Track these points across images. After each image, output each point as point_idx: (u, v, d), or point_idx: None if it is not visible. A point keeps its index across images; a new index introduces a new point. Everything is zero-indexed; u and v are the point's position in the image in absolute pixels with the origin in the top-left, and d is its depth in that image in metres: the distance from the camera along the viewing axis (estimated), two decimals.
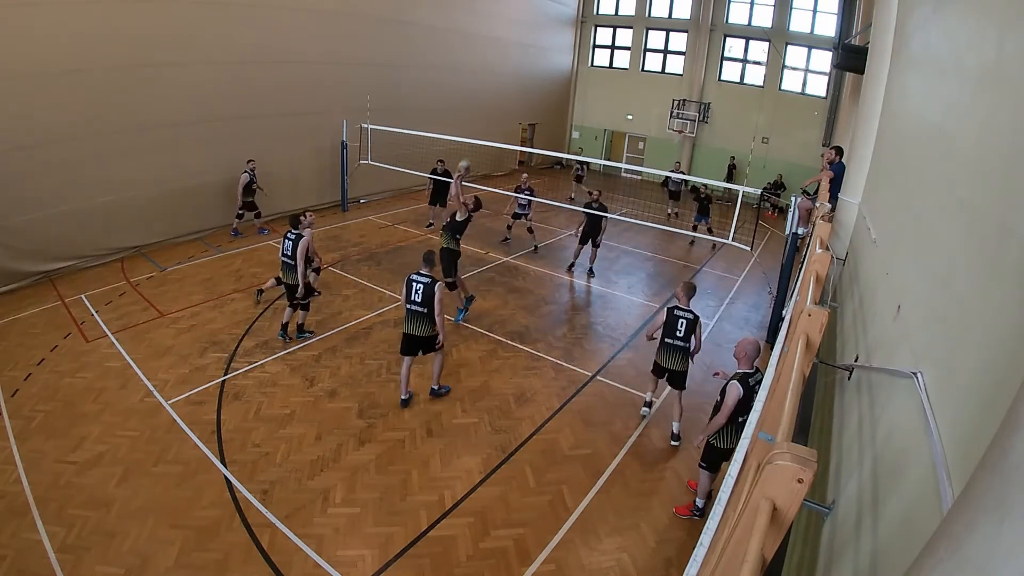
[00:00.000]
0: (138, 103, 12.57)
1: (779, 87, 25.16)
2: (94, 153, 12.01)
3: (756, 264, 15.49)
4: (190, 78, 13.46)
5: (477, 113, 23.41)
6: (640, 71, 28.73)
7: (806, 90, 24.68)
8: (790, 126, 24.60)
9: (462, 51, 22.35)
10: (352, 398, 8.28)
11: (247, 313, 10.62)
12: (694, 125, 26.79)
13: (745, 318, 12.32)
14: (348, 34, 17.47)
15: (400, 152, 17.79)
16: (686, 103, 26.93)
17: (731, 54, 26.45)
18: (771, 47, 24.82)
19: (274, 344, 9.56)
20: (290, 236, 9.40)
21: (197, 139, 13.89)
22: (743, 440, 3.46)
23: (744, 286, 14.32)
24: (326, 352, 9.47)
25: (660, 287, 13.83)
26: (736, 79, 26.39)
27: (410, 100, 19.90)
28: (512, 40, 25.24)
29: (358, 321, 10.64)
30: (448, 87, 21.73)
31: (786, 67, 24.93)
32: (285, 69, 15.75)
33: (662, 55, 28.16)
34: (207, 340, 9.54)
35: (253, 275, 12.37)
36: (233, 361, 8.97)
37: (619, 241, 17.18)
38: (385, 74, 18.94)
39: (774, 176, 24.08)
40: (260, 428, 7.49)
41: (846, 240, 9.23)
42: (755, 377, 5.92)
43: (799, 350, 3.82)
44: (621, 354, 10.23)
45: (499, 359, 9.70)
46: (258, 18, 14.78)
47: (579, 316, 11.77)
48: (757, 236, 12.01)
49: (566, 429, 7.96)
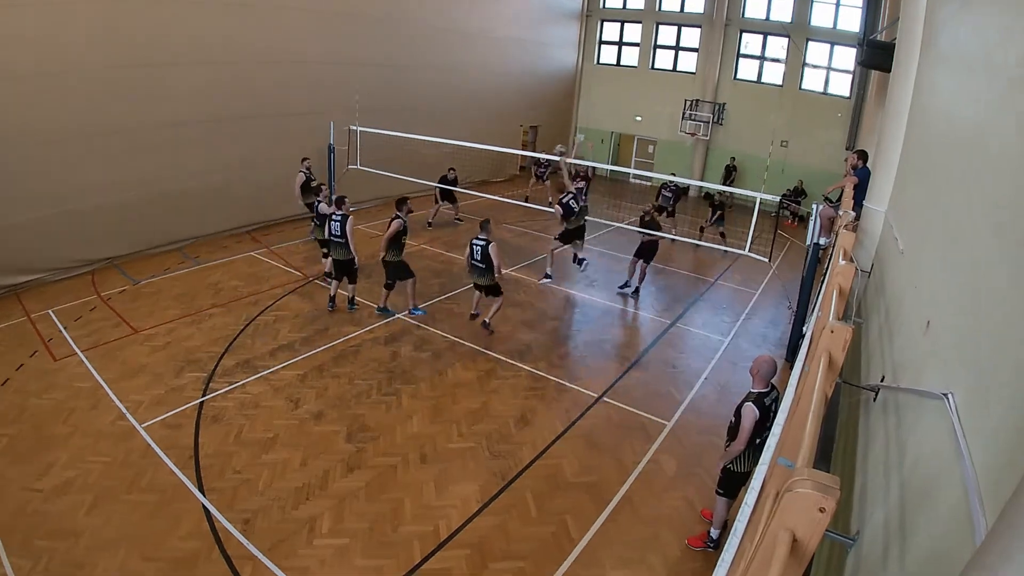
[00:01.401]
0: (108, 105, 12.69)
1: (799, 86, 25.30)
2: (62, 158, 12.10)
3: (774, 277, 15.54)
4: (165, 79, 13.60)
5: (475, 114, 23.59)
6: (650, 69, 28.90)
7: (828, 89, 24.82)
8: (811, 128, 24.72)
9: (460, 49, 22.57)
10: (340, 421, 8.28)
11: (227, 329, 10.65)
12: (708, 127, 26.92)
13: (763, 335, 12.34)
14: (342, 33, 17.68)
15: (393, 156, 17.88)
16: (699, 103, 27.08)
17: (748, 51, 26.62)
18: (791, 43, 24.98)
19: (256, 363, 9.58)
20: (336, 217, 11.29)
21: (173, 143, 14.03)
22: (760, 466, 3.46)
23: (762, 300, 14.35)
24: (312, 371, 9.49)
25: (671, 301, 13.85)
26: (753, 78, 26.55)
27: (404, 101, 20.08)
28: (512, 36, 25.47)
29: (346, 338, 10.66)
30: (445, 87, 21.94)
31: (807, 65, 25.09)
32: (274, 69, 15.97)
33: (674, 52, 28.34)
34: (184, 358, 9.56)
35: (233, 288, 12.41)
36: (212, 381, 8.99)
37: (627, 252, 17.18)
38: (378, 74, 19.13)
39: (794, 182, 24.20)
40: (241, 453, 7.49)
41: (871, 250, 9.25)
42: (771, 396, 5.96)
43: (821, 369, 3.83)
44: (630, 373, 10.24)
45: (498, 379, 9.71)
46: (244, 16, 14.97)
47: (584, 333, 11.79)
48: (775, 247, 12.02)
49: (570, 454, 7.95)
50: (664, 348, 11.43)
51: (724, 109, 26.93)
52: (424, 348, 10.57)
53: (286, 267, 13.94)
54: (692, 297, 14.31)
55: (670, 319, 12.76)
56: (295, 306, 11.90)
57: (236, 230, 15.98)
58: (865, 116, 20.94)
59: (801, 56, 24.89)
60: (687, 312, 13.31)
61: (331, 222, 11.43)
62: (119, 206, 13.23)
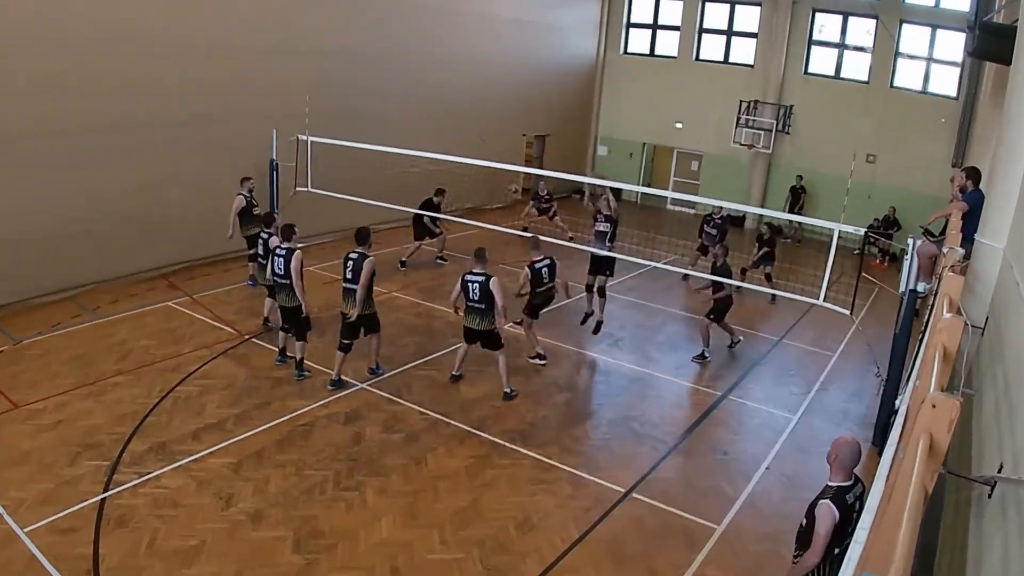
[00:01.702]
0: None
1: (890, 83, 25.86)
2: None
3: (858, 334, 15.69)
4: (39, 74, 13.69)
5: (464, 121, 24.06)
6: (694, 61, 29.51)
7: (929, 87, 25.35)
8: (906, 138, 25.15)
9: (444, 35, 23.18)
10: (285, 524, 8.43)
11: (136, 404, 10.82)
12: (770, 136, 27.35)
13: (843, 411, 12.51)
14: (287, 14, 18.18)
15: (355, 175, 17.94)
16: (759, 105, 27.61)
17: (823, 36, 27.20)
18: (879, 26, 25.45)
19: (175, 447, 9.75)
20: (280, 251, 11.71)
21: (57, 160, 14.18)
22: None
23: (841, 365, 14.55)
24: (249, 459, 9.66)
25: (721, 366, 14.08)
26: (830, 72, 27.14)
27: (370, 104, 20.57)
28: (512, 17, 26.13)
29: (294, 415, 10.86)
30: (424, 85, 22.45)
31: (901, 54, 25.64)
32: (193, 61, 16.30)
33: (725, 38, 28.97)
34: (80, 442, 9.72)
35: (144, 350, 12.64)
36: (117, 472, 9.15)
37: (663, 301, 17.50)
38: (335, 68, 19.63)
39: (883, 209, 24.57)
40: (155, 566, 7.63)
41: (985, 300, 9.36)
42: (854, 491, 6.04)
43: (919, 456, 3.90)
44: (668, 461, 10.41)
45: (494, 468, 9.88)
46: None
47: (607, 408, 11.95)
48: (859, 294, 12.17)
49: (589, 567, 8.09)
50: (712, 428, 11.63)
51: (792, 113, 27.39)
52: (396, 428, 10.75)
53: (214, 321, 14.21)
54: (749, 361, 14.55)
55: (720, 390, 12.96)
56: (226, 372, 12.10)
57: (147, 273, 16.25)
58: (977, 123, 21.33)
59: (893, 43, 25.41)
60: (742, 381, 13.52)
61: (275, 257, 11.84)
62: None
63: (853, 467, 6.11)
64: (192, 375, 11.88)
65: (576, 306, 15.43)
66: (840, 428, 11.71)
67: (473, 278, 11.59)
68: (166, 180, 16.12)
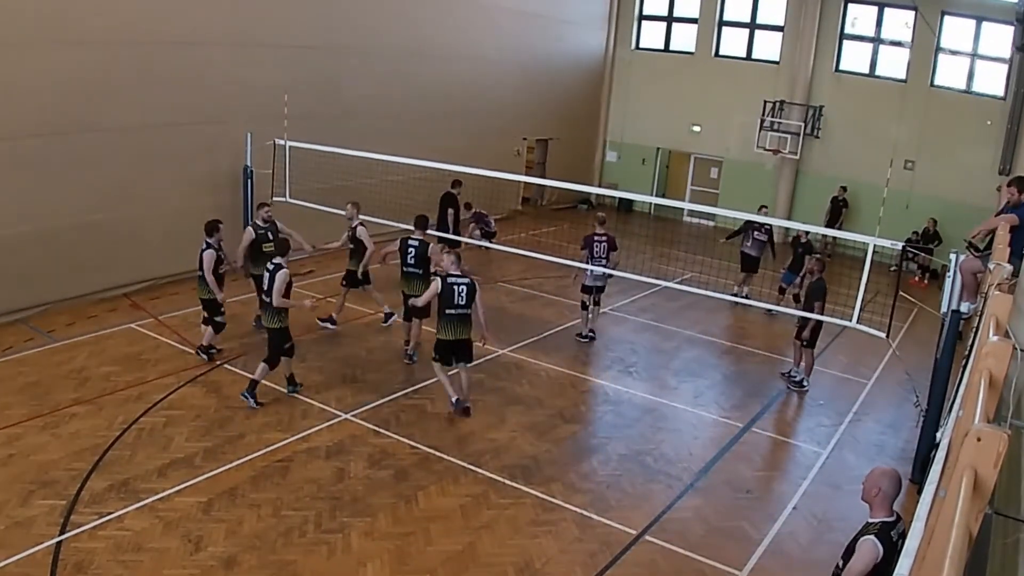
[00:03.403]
0: None
1: (930, 82, 25.95)
2: None
3: (895, 359, 15.71)
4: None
5: (458, 123, 24.21)
6: (713, 57, 29.70)
7: (973, 86, 25.42)
8: (948, 143, 25.22)
9: (436, 28, 23.31)
10: (260, 570, 8.43)
11: (96, 437, 10.82)
12: (798, 141, 27.44)
13: (878, 444, 12.54)
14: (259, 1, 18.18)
15: (338, 183, 17.99)
16: (785, 107, 27.74)
17: (856, 30, 27.34)
18: (918, 19, 25.48)
19: (139, 485, 9.75)
20: (269, 267, 11.99)
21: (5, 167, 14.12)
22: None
23: (876, 394, 14.59)
24: (220, 498, 9.66)
25: (744, 395, 14.11)
26: (864, 69, 27.26)
27: (355, 104, 20.66)
28: (511, 8, 26.23)
29: (271, 449, 10.87)
30: (413, 83, 22.52)
31: (942, 50, 25.70)
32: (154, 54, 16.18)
33: (747, 31, 29.13)
34: (34, 479, 9.72)
35: (104, 377, 12.65)
36: (74, 512, 9.13)
37: (680, 323, 17.50)
38: (317, 64, 19.72)
39: (922, 222, 24.65)
40: None
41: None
42: (898, 528, 6.00)
43: (963, 494, 3.90)
44: (684, 501, 10.42)
45: (492, 509, 9.88)
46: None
47: (617, 441, 11.97)
48: (896, 315, 12.21)
49: None
50: (734, 464, 11.64)
51: (821, 115, 27.51)
52: (384, 464, 10.76)
53: (182, 345, 14.23)
54: (774, 389, 14.59)
55: (742, 421, 12.99)
56: (195, 402, 12.12)
57: (108, 292, 16.29)
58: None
59: (934, 38, 25.46)
60: (767, 411, 13.57)
61: (265, 272, 12.21)
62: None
63: (894, 499, 6.05)
64: (158, 405, 11.87)
65: None
66: (875, 463, 11.64)
67: (457, 279, 11.85)
68: (127, 190, 16.11)
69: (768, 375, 15.02)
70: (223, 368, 13.29)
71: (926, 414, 11.36)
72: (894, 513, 6.03)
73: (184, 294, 16.63)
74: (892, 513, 6.01)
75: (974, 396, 5.69)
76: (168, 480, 9.90)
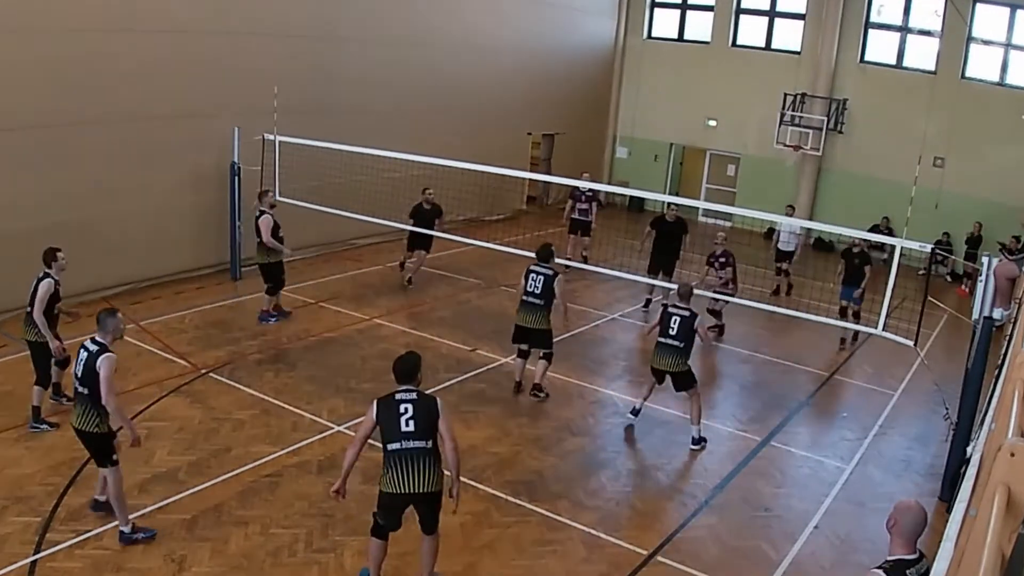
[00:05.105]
0: None
1: (961, 73, 25.94)
2: None
3: (923, 369, 15.70)
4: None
5: (458, 117, 24.24)
6: (730, 47, 29.75)
7: (1007, 78, 25.42)
8: (980, 139, 25.22)
9: (434, 15, 23.32)
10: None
11: (73, 450, 10.72)
12: (820, 136, 27.40)
13: (904, 459, 12.53)
14: None
15: (331, 181, 18.00)
16: (807, 100, 27.71)
17: (882, 19, 27.34)
18: (949, 6, 25.48)
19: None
20: None
21: None
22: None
23: (904, 406, 14.59)
24: (205, 515, 9.66)
25: (762, 407, 14.11)
26: (890, 60, 27.25)
27: (349, 97, 20.65)
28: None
29: (259, 463, 10.88)
30: (411, 74, 22.53)
31: (974, 39, 25.70)
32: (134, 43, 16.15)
33: (767, 19, 29.12)
34: (7, 495, 9.72)
35: None
36: (50, 530, 9.13)
37: None
38: (308, 53, 19.75)
39: (954, 223, 24.78)
40: None
41: None
42: (917, 568, 5.97)
43: (995, 513, 3.89)
44: (699, 519, 10.42)
45: (494, 527, 9.89)
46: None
47: (627, 456, 11.98)
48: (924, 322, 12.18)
49: None
50: (751, 480, 11.65)
51: (845, 108, 27.49)
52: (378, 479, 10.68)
53: (165, 353, 14.27)
54: (794, 400, 14.59)
55: (761, 434, 13.00)
56: (179, 413, 12.14)
57: (85, 296, 16.03)
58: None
59: (965, 27, 25.44)
60: (786, 424, 13.57)
61: None
62: None
63: (917, 536, 6.02)
64: (139, 416, 11.83)
65: (592, 336, 15.44)
66: (901, 480, 11.73)
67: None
68: (105, 188, 16.11)
69: (790, 385, 15.00)
70: (208, 377, 13.30)
71: (956, 427, 11.32)
72: (916, 551, 5.94)
73: (166, 298, 16.72)
74: (914, 550, 5.91)
75: (1007, 408, 5.69)
76: (150, 496, 9.91)
